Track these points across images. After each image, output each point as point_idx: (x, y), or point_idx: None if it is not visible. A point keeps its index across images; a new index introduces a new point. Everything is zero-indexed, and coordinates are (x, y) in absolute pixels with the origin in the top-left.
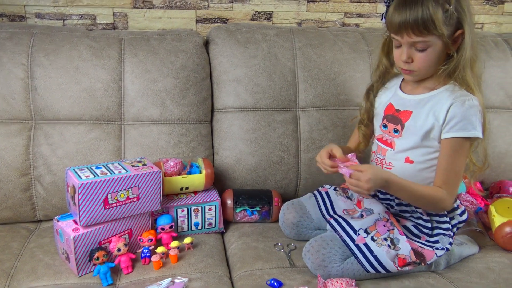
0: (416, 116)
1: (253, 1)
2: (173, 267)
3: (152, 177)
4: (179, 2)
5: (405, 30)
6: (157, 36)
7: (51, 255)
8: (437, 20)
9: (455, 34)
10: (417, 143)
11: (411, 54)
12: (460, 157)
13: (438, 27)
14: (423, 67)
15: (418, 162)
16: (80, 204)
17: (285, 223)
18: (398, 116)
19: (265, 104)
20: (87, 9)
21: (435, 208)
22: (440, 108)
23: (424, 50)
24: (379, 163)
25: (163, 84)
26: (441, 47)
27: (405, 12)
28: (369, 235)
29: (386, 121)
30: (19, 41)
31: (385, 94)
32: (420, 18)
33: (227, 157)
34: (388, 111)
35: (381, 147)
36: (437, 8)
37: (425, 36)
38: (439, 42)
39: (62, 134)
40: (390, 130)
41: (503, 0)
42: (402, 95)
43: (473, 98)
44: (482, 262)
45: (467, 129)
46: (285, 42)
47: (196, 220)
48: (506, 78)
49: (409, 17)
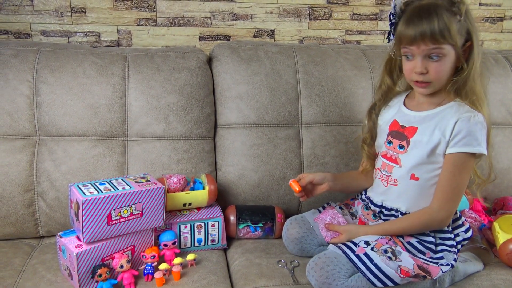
0: (422, 131)
1: (256, 18)
2: (176, 284)
3: (155, 193)
4: (182, 20)
5: (421, 40)
6: (161, 53)
7: (53, 272)
8: (452, 29)
9: (465, 46)
10: (423, 159)
11: (426, 64)
12: (462, 173)
13: (453, 36)
14: (438, 77)
15: (424, 179)
16: (84, 220)
17: (288, 238)
18: (403, 132)
19: (268, 120)
20: (91, 26)
21: (431, 228)
22: (446, 123)
23: (439, 59)
24: (384, 180)
25: (167, 101)
26: (454, 57)
27: (421, 23)
28: (369, 246)
29: (391, 137)
30: (25, 58)
31: (388, 112)
32: (437, 27)
33: (230, 173)
34: (393, 127)
35: (386, 164)
36: (451, 17)
37: (440, 44)
38: (453, 52)
39: (66, 150)
40: (395, 146)
41: (502, 17)
42: (406, 111)
43: (478, 115)
44: (487, 280)
45: (472, 145)
46: (287, 59)
47: (199, 236)
48: (507, 95)
49: (426, 27)
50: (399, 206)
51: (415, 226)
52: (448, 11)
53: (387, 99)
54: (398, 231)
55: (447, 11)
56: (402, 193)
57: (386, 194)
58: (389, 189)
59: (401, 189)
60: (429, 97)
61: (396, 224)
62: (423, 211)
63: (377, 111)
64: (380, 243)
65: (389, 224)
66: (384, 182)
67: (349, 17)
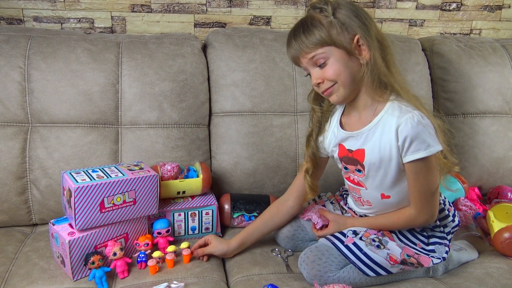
0: (370, 151)
1: (252, 5)
2: (169, 271)
3: (148, 181)
4: (177, 6)
5: (300, 56)
6: (155, 40)
7: (46, 259)
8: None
9: (354, 41)
10: (382, 176)
11: (317, 73)
12: (428, 176)
13: (319, 39)
14: (335, 78)
15: (396, 196)
16: (76, 208)
17: (280, 237)
18: (353, 156)
19: (263, 108)
20: (85, 12)
21: (415, 226)
22: (388, 134)
23: (325, 63)
24: (358, 200)
25: (161, 88)
26: (343, 55)
27: (293, 44)
28: (358, 236)
29: (345, 163)
30: (16, 44)
31: (329, 137)
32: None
33: (224, 161)
34: (342, 153)
35: (353, 187)
36: (316, 25)
37: (315, 49)
38: (337, 50)
39: (59, 138)
40: (352, 170)
41: (500, 6)
42: (346, 134)
43: (415, 114)
44: (481, 268)
45: (421, 149)
46: (283, 46)
47: (193, 224)
48: (504, 84)
49: (297, 45)
50: None
51: (398, 225)
52: (314, 19)
53: (322, 125)
54: (383, 228)
55: (312, 19)
56: (379, 210)
57: (366, 210)
58: (366, 208)
59: (377, 208)
60: (360, 109)
61: (379, 221)
62: (403, 212)
63: (314, 138)
64: (369, 233)
65: (373, 219)
66: (358, 203)
67: None
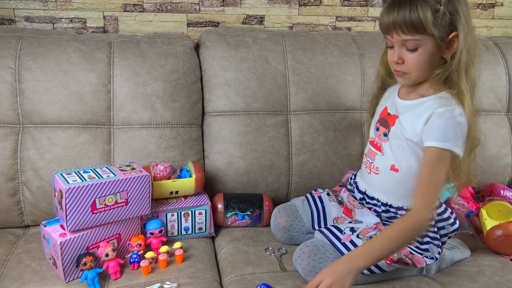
0: (400, 121)
1: (245, 4)
2: (162, 272)
3: (141, 181)
4: (170, 6)
5: (394, 29)
6: (147, 39)
7: (38, 261)
8: (425, 20)
9: (449, 37)
10: (400, 149)
11: (401, 54)
12: (439, 169)
13: (427, 27)
14: (414, 69)
15: (403, 171)
16: (67, 209)
17: (276, 227)
18: (387, 119)
19: (256, 108)
20: (77, 12)
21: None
22: (420, 115)
23: (415, 50)
24: (368, 166)
25: (153, 88)
26: (433, 48)
27: (394, 12)
28: (355, 233)
29: (379, 124)
30: (7, 44)
31: (385, 97)
32: (408, 17)
33: (217, 161)
34: (383, 114)
35: (372, 151)
36: (425, 8)
37: (414, 34)
38: (431, 42)
39: (50, 138)
40: (380, 133)
41: (493, 4)
42: (396, 99)
43: (456, 111)
44: (474, 266)
45: (439, 140)
46: (276, 45)
47: (186, 224)
48: (497, 81)
49: (397, 16)
50: (379, 197)
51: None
52: (425, 1)
53: (385, 87)
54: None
55: (424, 1)
56: (382, 183)
57: (369, 182)
58: (371, 177)
59: (381, 179)
60: (416, 87)
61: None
62: (407, 215)
63: (375, 101)
64: (366, 230)
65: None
66: (367, 169)
67: (339, 3)
